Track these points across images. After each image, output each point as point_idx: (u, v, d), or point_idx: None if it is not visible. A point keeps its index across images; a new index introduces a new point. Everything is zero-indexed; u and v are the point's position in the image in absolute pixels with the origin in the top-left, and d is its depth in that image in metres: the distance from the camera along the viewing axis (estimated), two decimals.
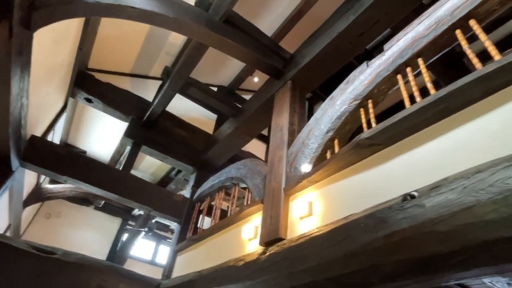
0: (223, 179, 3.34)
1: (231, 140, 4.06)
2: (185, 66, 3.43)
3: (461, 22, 1.61)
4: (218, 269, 2.37)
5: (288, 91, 2.96)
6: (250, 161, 2.94)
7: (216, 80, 5.40)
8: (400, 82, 1.83)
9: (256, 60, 3.14)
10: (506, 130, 1.15)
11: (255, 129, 3.85)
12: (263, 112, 3.42)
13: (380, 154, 1.63)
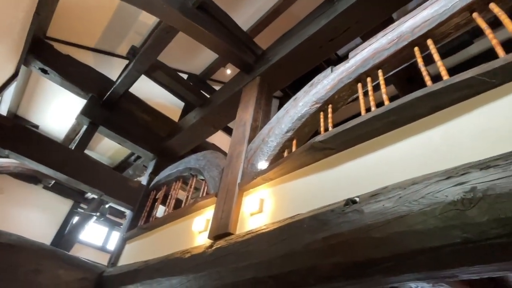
0: (181, 169, 3.26)
1: (195, 130, 3.98)
2: (152, 48, 3.28)
3: (420, 40, 1.68)
4: (164, 260, 2.31)
5: (256, 87, 2.94)
6: (210, 153, 2.90)
7: (188, 67, 5.24)
8: (359, 91, 1.88)
9: (227, 51, 3.08)
10: (444, 146, 1.22)
11: (221, 121, 3.80)
12: (230, 105, 3.38)
13: (332, 158, 1.67)
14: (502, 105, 1.14)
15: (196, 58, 5.06)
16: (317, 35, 2.60)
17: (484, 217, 0.92)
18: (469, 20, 1.59)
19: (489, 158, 1.01)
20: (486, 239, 0.93)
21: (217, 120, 3.75)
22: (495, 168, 0.96)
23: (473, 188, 0.96)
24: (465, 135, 1.18)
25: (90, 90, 3.99)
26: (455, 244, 0.98)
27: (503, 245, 0.91)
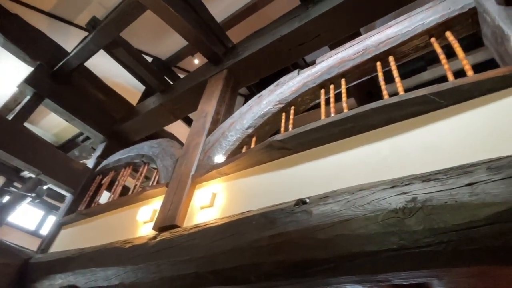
0: (133, 155, 3.08)
1: (153, 116, 3.79)
2: (115, 22, 3.06)
3: (383, 56, 1.77)
4: (101, 249, 2.15)
5: (222, 80, 2.88)
6: (166, 142, 2.78)
7: (153, 50, 4.99)
8: (322, 97, 1.92)
9: (197, 39, 2.97)
10: (392, 157, 1.28)
11: (182, 111, 3.66)
12: (193, 95, 3.27)
13: (288, 159, 1.68)
14: (446, 125, 1.22)
15: (163, 42, 4.83)
16: (288, 37, 2.62)
17: (420, 226, 0.97)
18: (427, 43, 1.70)
19: (431, 172, 1.07)
20: (419, 246, 0.98)
21: (178, 108, 3.61)
22: (435, 181, 1.03)
23: (414, 198, 1.02)
24: (411, 149, 1.25)
25: (38, 58, 3.61)
26: (391, 249, 1.03)
27: (432, 253, 0.97)
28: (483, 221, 0.90)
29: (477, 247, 0.90)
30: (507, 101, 1.15)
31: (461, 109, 1.23)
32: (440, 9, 1.66)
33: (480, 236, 0.90)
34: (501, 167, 0.95)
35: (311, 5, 2.56)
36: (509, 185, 0.90)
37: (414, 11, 1.77)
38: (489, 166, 0.98)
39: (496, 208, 0.89)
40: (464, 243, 0.91)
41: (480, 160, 1.03)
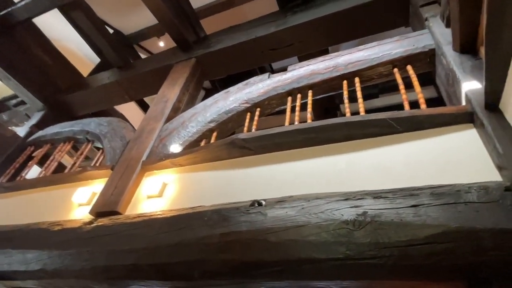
0: (76, 130, 2.80)
1: (106, 92, 3.50)
2: None
3: (350, 76, 1.87)
4: (22, 229, 1.90)
5: (189, 68, 2.78)
6: (118, 121, 2.58)
7: (117, 22, 4.63)
8: (288, 104, 1.96)
9: (169, 21, 2.83)
10: (348, 171, 1.35)
11: (139, 92, 3.45)
12: (155, 77, 3.10)
13: (248, 159, 1.67)
14: (400, 149, 1.33)
15: (129, 16, 4.51)
16: (263, 39, 2.64)
17: (367, 239, 1.03)
18: (390, 72, 1.84)
19: (382, 190, 1.15)
20: (363, 258, 1.04)
21: (135, 89, 3.38)
22: (385, 199, 1.11)
23: (365, 213, 1.08)
24: (366, 166, 1.34)
25: None
26: (337, 259, 1.08)
27: (374, 266, 1.03)
28: (421, 240, 0.98)
29: (413, 264, 0.99)
30: (452, 136, 1.29)
31: (413, 136, 1.35)
32: (406, 44, 1.81)
33: (417, 254, 0.98)
34: (442, 194, 1.06)
35: (290, 13, 2.61)
36: (447, 211, 1.01)
37: (384, 40, 1.91)
38: (432, 191, 1.08)
39: (434, 230, 0.98)
40: (403, 259, 0.98)
41: (425, 185, 1.13)
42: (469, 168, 1.16)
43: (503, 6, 0.95)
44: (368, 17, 2.33)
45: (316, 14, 2.42)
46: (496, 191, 1.00)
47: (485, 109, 1.22)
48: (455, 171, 1.17)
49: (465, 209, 1.00)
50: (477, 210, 0.98)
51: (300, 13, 2.57)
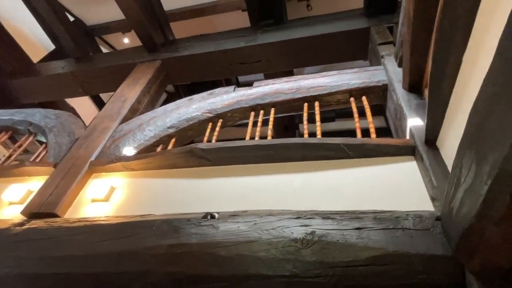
0: (17, 120, 2.54)
1: (58, 82, 3.25)
2: None
3: (311, 99, 1.96)
4: None
5: (153, 69, 2.70)
6: (68, 116, 2.39)
7: (80, 10, 4.35)
8: (251, 119, 1.99)
9: (137, 19, 2.75)
10: (301, 190, 1.40)
11: (95, 87, 3.25)
12: (115, 74, 2.96)
13: (205, 169, 1.65)
14: (350, 174, 1.42)
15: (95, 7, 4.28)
16: (232, 52, 2.67)
17: (313, 258, 1.07)
18: (347, 100, 1.97)
19: (331, 211, 1.21)
20: (308, 276, 1.08)
21: (92, 83, 3.19)
22: (332, 220, 1.16)
23: (313, 232, 1.12)
24: (318, 187, 1.40)
25: None
26: (284, 276, 1.10)
27: (317, 284, 1.07)
28: (362, 261, 1.05)
29: (353, 284, 1.04)
30: (396, 165, 1.42)
31: (362, 163, 1.45)
32: (363, 76, 1.97)
33: (358, 274, 1.04)
34: (383, 219, 1.15)
35: (260, 32, 2.69)
36: (386, 235, 1.09)
37: (344, 70, 2.05)
38: (375, 216, 1.17)
39: (374, 252, 1.06)
40: (345, 279, 1.04)
41: (369, 209, 1.21)
42: (408, 197, 1.28)
43: (446, 57, 1.08)
44: (331, 47, 2.49)
45: (285, 36, 2.53)
46: (429, 220, 1.11)
47: (425, 144, 1.36)
48: (396, 198, 1.28)
49: (402, 234, 1.09)
50: (412, 236, 1.08)
51: (270, 32, 2.66)
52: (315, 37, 2.46)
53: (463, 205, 0.90)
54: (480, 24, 0.95)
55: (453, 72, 1.10)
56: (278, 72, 3.00)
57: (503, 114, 0.67)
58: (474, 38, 0.99)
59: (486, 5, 0.91)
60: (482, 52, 0.93)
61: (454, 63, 1.08)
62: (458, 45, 1.03)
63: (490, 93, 0.72)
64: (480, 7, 0.94)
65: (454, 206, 0.96)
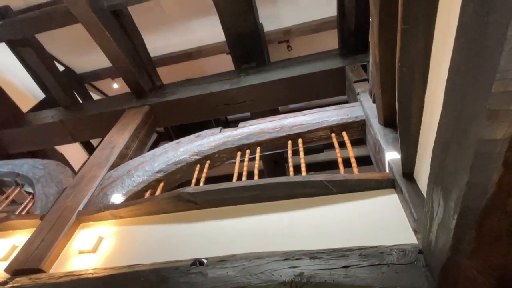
0: (4, 171, 2.53)
1: (48, 131, 3.29)
2: (34, 22, 2.73)
3: (294, 137, 2.04)
4: None
5: (141, 115, 2.78)
6: (55, 165, 2.41)
7: (69, 60, 4.52)
8: (237, 158, 2.05)
9: (125, 67, 2.87)
10: (289, 229, 1.42)
11: (84, 134, 3.30)
12: (104, 121, 3.02)
13: (193, 213, 1.66)
14: (334, 210, 1.45)
15: (83, 56, 4.45)
16: (217, 95, 2.79)
17: None
18: (328, 136, 2.06)
19: (317, 250, 1.23)
20: None
21: (80, 130, 3.24)
22: (320, 260, 1.18)
23: (301, 273, 1.13)
24: (305, 225, 1.42)
25: None
26: None
27: None
28: None
29: None
30: (378, 199, 1.46)
31: (346, 198, 1.49)
32: (342, 113, 2.07)
33: None
34: (368, 255, 1.17)
35: (244, 74, 2.84)
36: (372, 272, 1.11)
37: (323, 108, 2.16)
38: (360, 252, 1.19)
39: None
40: None
41: (355, 245, 1.24)
42: (392, 230, 1.31)
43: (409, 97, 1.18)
44: (311, 86, 2.64)
45: (267, 78, 2.68)
46: (412, 253, 1.14)
47: (403, 177, 1.42)
48: (381, 232, 1.31)
49: (387, 270, 1.11)
50: (397, 271, 1.09)
51: (252, 75, 2.81)
52: (295, 77, 2.61)
53: (438, 239, 0.94)
54: (434, 68, 1.05)
55: (418, 111, 1.20)
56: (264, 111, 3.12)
57: (456, 156, 0.73)
58: (431, 80, 1.10)
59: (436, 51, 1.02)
60: (438, 94, 1.02)
61: (418, 102, 1.17)
62: (418, 87, 1.13)
63: (443, 137, 0.79)
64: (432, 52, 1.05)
65: (432, 240, 0.99)
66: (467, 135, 0.67)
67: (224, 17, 2.74)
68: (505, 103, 0.55)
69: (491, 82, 0.56)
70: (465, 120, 0.67)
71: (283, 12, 3.97)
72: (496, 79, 0.55)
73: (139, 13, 3.24)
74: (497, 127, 0.59)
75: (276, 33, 4.11)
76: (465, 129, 0.67)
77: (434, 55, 1.04)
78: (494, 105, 0.57)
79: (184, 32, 4.15)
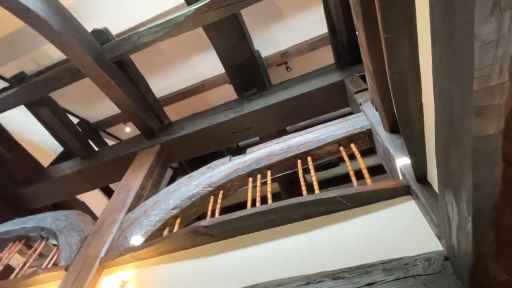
0: (30, 227, 2.62)
1: (67, 182, 3.41)
2: (47, 83, 2.93)
3: (302, 155, 2.04)
4: None
5: (153, 154, 2.86)
6: (76, 215, 2.47)
7: (82, 112, 4.77)
8: (249, 185, 2.05)
9: (133, 112, 3.00)
10: (308, 252, 1.39)
11: (102, 180, 3.40)
12: (119, 165, 3.12)
13: (211, 246, 1.65)
14: (352, 225, 1.41)
15: (95, 106, 4.69)
16: (223, 125, 2.85)
17: None
18: (337, 150, 2.04)
19: (339, 270, 1.19)
20: None
21: (99, 177, 3.34)
22: (343, 280, 1.14)
23: None
24: (324, 245, 1.38)
25: None
26: None
27: None
28: None
29: None
30: (395, 208, 1.42)
31: (362, 211, 1.45)
32: (347, 125, 2.06)
33: None
34: (392, 268, 1.12)
35: (246, 101, 2.90)
36: (399, 286, 1.06)
37: (328, 122, 2.16)
38: (384, 267, 1.14)
39: None
40: None
41: (377, 260, 1.19)
42: (413, 239, 1.25)
43: (406, 102, 1.17)
44: (313, 103, 2.67)
45: (269, 101, 2.73)
46: (438, 261, 1.09)
47: (417, 182, 1.38)
48: (401, 242, 1.26)
49: (414, 283, 1.05)
50: (425, 283, 1.04)
51: (255, 100, 2.87)
52: (296, 97, 2.65)
53: (460, 243, 0.90)
54: (425, 70, 1.06)
55: (418, 113, 1.18)
56: (272, 133, 3.15)
57: (457, 157, 0.72)
58: (424, 82, 1.10)
59: (422, 55, 1.02)
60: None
61: (416, 105, 1.17)
62: (412, 90, 1.13)
63: (442, 139, 0.78)
64: (420, 55, 1.05)
65: (454, 245, 0.95)
66: (461, 135, 0.66)
67: (220, 51, 2.86)
68: (489, 99, 0.55)
69: (471, 81, 0.56)
70: (456, 121, 0.67)
71: (278, 36, 4.10)
72: (475, 77, 0.55)
73: (141, 59, 3.42)
74: (488, 123, 0.59)
75: (273, 57, 4.23)
76: (458, 130, 0.67)
77: (422, 58, 1.04)
78: (479, 102, 0.57)
79: (186, 70, 4.33)
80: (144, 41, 2.63)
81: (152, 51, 3.63)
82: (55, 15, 2.36)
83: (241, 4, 2.29)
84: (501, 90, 0.54)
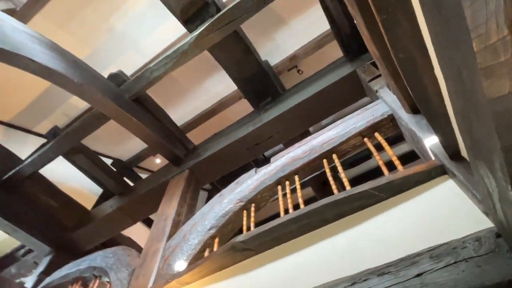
0: (83, 268, 2.77)
1: (110, 221, 3.58)
2: (77, 132, 3.15)
3: (327, 154, 2.00)
4: None
5: (183, 180, 2.94)
6: (122, 250, 2.58)
7: (114, 152, 5.05)
8: (279, 193, 2.03)
9: (158, 143, 3.12)
10: (348, 252, 1.34)
11: (141, 213, 3.54)
12: (154, 196, 3.23)
13: (251, 260, 1.64)
14: (389, 217, 1.35)
15: (124, 145, 4.95)
16: (245, 138, 2.88)
17: None
18: (362, 142, 1.98)
19: (384, 265, 1.13)
20: None
21: (137, 211, 3.48)
22: (389, 275, 1.08)
23: None
24: (364, 242, 1.33)
25: None
26: None
27: None
28: None
29: None
30: (433, 190, 1.34)
31: (398, 200, 1.39)
32: (367, 115, 2.00)
33: None
34: (440, 255, 1.05)
35: (262, 112, 2.92)
36: (451, 273, 0.99)
37: (347, 116, 2.11)
38: (431, 254, 1.07)
39: None
40: None
41: (424, 248, 1.12)
42: (459, 220, 1.17)
43: (419, 79, 1.13)
44: (328, 99, 2.63)
45: (284, 107, 2.73)
46: (489, 240, 1.00)
47: (451, 159, 1.30)
48: (447, 225, 1.18)
49: (467, 266, 0.98)
50: (479, 265, 0.96)
51: (271, 109, 2.88)
52: (310, 97, 2.62)
53: (507, 216, 0.83)
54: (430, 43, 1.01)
55: (434, 88, 1.13)
56: (295, 136, 3.13)
57: (478, 124, 0.68)
58: (433, 56, 1.05)
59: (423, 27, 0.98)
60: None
61: (430, 81, 1.11)
62: (422, 66, 1.08)
63: (459, 109, 0.74)
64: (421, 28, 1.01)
65: (502, 219, 0.88)
66: (477, 101, 0.62)
67: (229, 68, 2.93)
68: (493, 57, 0.52)
69: (470, 43, 0.53)
70: (468, 87, 0.63)
71: (283, 42, 4.13)
72: (473, 38, 0.52)
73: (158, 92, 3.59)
74: (500, 82, 0.55)
75: (283, 63, 4.25)
76: (472, 96, 0.63)
77: (425, 32, 1.00)
78: (484, 63, 0.54)
79: (201, 93, 4.46)
80: (156, 75, 2.75)
81: (166, 83, 3.80)
82: (73, 69, 2.56)
83: (239, 20, 2.35)
84: (504, 46, 0.50)
